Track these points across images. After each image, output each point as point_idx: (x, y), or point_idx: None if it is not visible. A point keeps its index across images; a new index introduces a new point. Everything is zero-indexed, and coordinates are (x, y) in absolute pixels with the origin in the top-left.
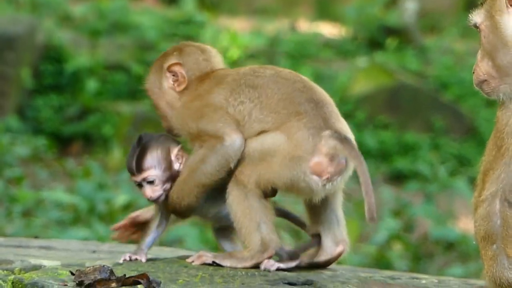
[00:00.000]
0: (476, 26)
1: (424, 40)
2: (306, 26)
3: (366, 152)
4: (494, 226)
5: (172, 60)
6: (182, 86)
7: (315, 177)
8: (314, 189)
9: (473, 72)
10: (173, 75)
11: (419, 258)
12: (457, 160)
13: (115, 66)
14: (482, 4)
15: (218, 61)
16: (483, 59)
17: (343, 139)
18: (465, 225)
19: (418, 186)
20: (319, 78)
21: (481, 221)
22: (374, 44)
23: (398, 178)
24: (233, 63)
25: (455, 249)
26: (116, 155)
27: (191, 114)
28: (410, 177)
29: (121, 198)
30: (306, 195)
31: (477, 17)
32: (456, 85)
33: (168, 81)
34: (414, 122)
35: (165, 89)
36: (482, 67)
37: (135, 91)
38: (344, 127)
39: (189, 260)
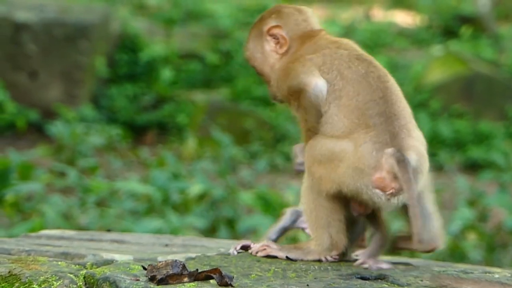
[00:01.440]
0: None
1: (499, 28)
2: (381, 14)
3: (441, 142)
4: None
5: (272, 23)
6: (284, 48)
7: (378, 191)
8: (378, 202)
9: None
10: (274, 38)
11: (493, 249)
12: None
13: (190, 55)
14: None
15: (315, 21)
16: None
17: (400, 160)
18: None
19: (493, 176)
20: (393, 67)
21: None
22: (448, 32)
23: (472, 168)
24: None
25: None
26: (191, 144)
27: (283, 75)
28: (484, 167)
29: (195, 188)
30: (372, 206)
31: None
32: None
33: (269, 45)
34: (489, 111)
35: (267, 53)
36: None
37: (209, 80)
38: (415, 142)
39: (252, 250)
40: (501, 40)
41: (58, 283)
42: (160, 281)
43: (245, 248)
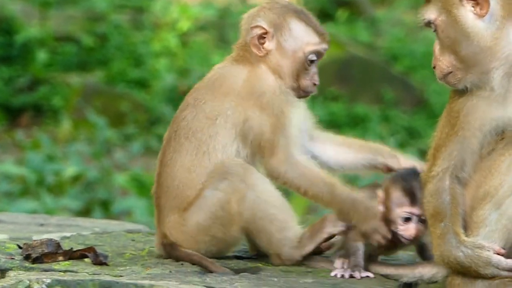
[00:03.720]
0: (429, 23)
1: (374, 11)
2: None
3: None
4: (443, 203)
5: None
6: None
7: None
8: None
9: (434, 67)
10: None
11: None
12: (407, 132)
13: (66, 37)
14: (428, 1)
15: None
16: (443, 53)
17: None
18: None
19: None
20: None
21: (430, 197)
22: (324, 15)
23: None
24: (183, 35)
25: None
26: (66, 126)
27: None
28: None
29: (70, 170)
30: None
31: (430, 13)
32: (406, 57)
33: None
34: (364, 94)
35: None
36: (445, 61)
37: (85, 62)
38: None
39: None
40: (377, 23)
41: None
42: (35, 260)
43: None
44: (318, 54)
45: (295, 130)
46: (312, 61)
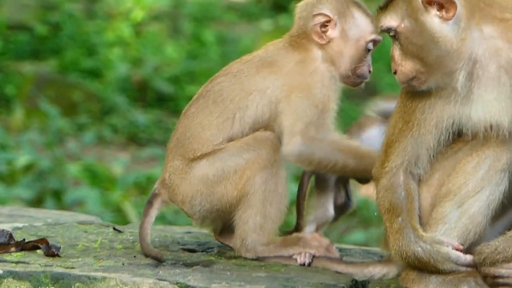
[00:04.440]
0: (389, 30)
1: None
2: None
3: None
4: (398, 198)
5: None
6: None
7: None
8: None
9: (395, 73)
10: None
11: None
12: None
13: (19, 25)
14: (384, 7)
15: None
16: (406, 58)
17: None
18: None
19: None
20: (222, 41)
21: (384, 192)
22: (278, 7)
23: None
24: (137, 25)
25: (356, 215)
26: (18, 115)
27: None
28: None
29: (22, 159)
30: None
31: (390, 20)
32: None
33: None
34: None
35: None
36: (408, 66)
37: (38, 51)
38: None
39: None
40: None
41: None
42: None
43: None
44: (375, 43)
45: (334, 115)
46: (369, 50)
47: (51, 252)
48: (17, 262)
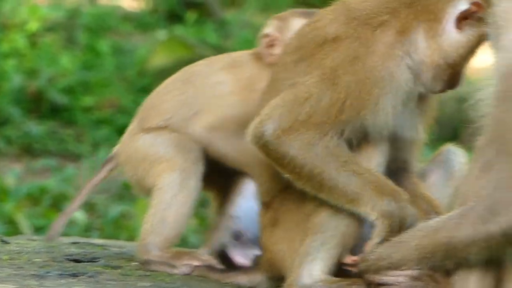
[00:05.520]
0: None
1: (224, 13)
2: None
3: None
4: None
5: None
6: None
7: None
8: None
9: None
10: None
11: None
12: None
13: None
14: None
15: None
16: None
17: None
18: None
19: None
20: (118, 52)
21: None
22: (173, 17)
23: None
24: (32, 36)
25: None
26: None
27: None
28: None
29: None
30: None
31: None
32: None
33: None
34: None
35: None
36: None
37: None
38: None
39: None
40: (226, 25)
41: None
42: None
43: None
44: None
45: None
46: None
47: None
48: None
